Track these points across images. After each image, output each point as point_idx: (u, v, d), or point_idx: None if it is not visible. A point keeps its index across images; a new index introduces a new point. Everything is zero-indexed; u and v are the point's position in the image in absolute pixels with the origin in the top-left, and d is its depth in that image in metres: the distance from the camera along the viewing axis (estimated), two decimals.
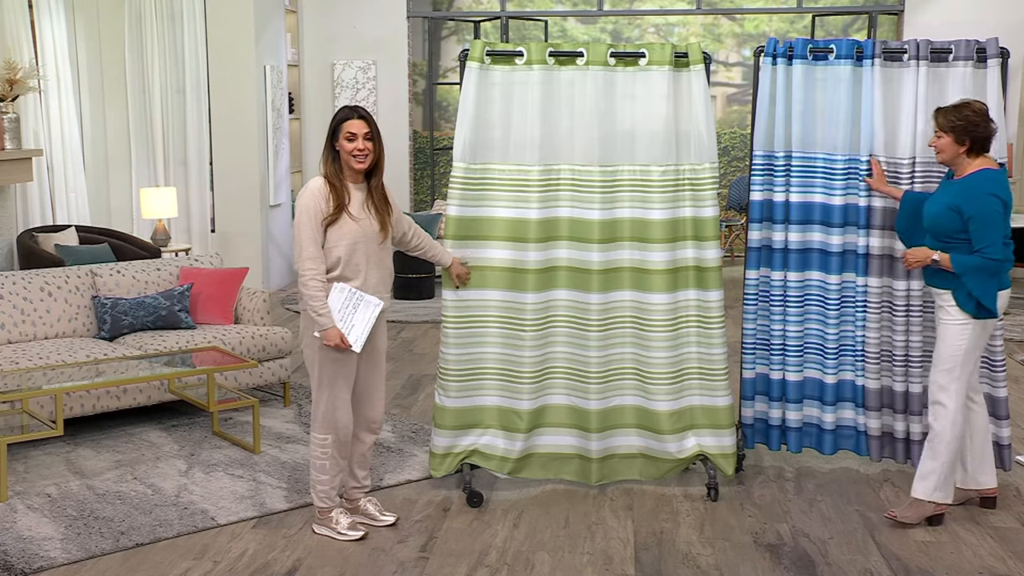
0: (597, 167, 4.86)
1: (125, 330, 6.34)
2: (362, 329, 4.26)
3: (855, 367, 5.15)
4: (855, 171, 5.02)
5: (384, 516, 4.62)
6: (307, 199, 4.27)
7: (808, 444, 5.29)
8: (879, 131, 4.96)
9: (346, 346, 4.25)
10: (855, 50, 4.95)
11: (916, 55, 4.92)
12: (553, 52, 4.84)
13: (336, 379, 4.36)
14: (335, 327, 4.23)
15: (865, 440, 5.21)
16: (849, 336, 5.13)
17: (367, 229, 4.33)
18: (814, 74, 5.02)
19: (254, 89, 9.92)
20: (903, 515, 4.64)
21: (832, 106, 5.01)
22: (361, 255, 4.32)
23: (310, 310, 4.25)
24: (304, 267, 4.24)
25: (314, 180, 4.34)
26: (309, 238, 4.24)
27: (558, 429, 4.99)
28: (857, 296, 5.07)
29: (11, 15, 8.74)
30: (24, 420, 5.37)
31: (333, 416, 4.39)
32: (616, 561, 4.31)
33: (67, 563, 4.23)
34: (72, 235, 8.58)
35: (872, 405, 5.13)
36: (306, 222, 4.24)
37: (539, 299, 4.89)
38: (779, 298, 5.15)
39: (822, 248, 5.10)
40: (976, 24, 10.26)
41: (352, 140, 4.27)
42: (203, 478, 5.15)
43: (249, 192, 10.05)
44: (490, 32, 13.12)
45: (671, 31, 14.30)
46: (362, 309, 4.28)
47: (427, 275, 9.80)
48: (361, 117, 4.30)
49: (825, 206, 5.07)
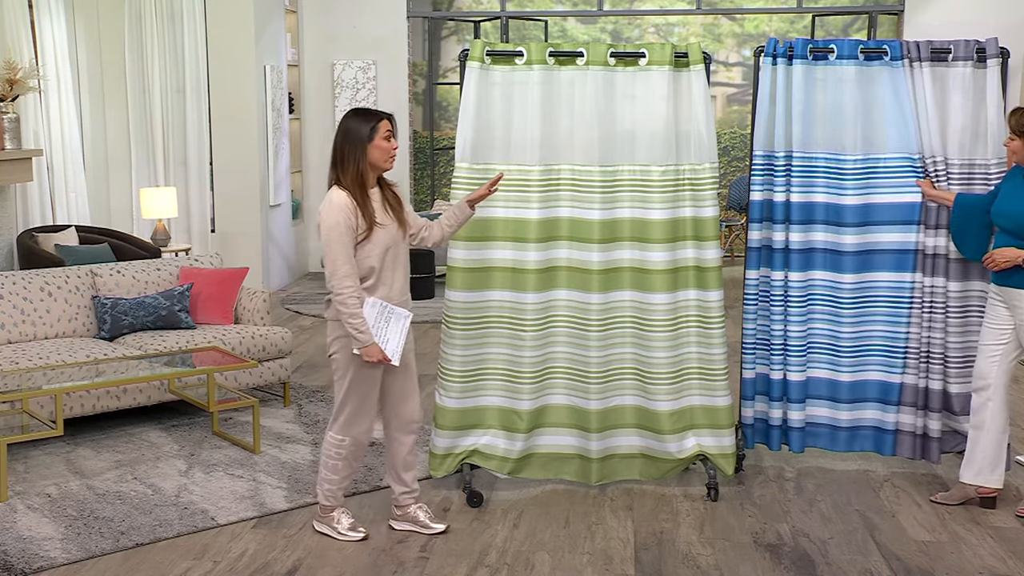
0: (597, 167, 4.86)
1: (125, 330, 6.34)
2: (397, 342, 4.27)
3: (886, 366, 5.12)
4: (879, 171, 5.00)
5: (435, 524, 4.55)
6: (336, 215, 4.16)
7: (813, 444, 5.26)
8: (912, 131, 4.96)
9: (387, 361, 4.24)
10: (871, 50, 4.94)
11: (918, 56, 4.93)
12: (553, 52, 4.84)
13: (365, 389, 4.35)
14: (375, 343, 4.20)
15: (893, 439, 5.17)
16: (877, 335, 5.10)
17: (393, 233, 4.29)
18: (815, 74, 5.01)
19: (254, 89, 9.92)
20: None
21: (844, 106, 4.99)
22: (390, 260, 4.30)
23: (351, 328, 4.18)
24: (342, 285, 4.17)
25: (337, 195, 4.19)
26: (343, 255, 4.16)
27: (558, 429, 4.99)
28: (901, 295, 5.05)
29: (11, 15, 8.74)
30: (24, 420, 5.37)
31: (355, 423, 4.37)
32: (616, 561, 4.31)
33: (67, 563, 4.23)
34: (72, 235, 8.58)
35: (908, 403, 5.11)
36: (337, 239, 4.15)
37: (539, 299, 4.89)
38: (780, 298, 5.14)
39: (831, 248, 5.07)
40: (976, 24, 10.26)
41: (390, 139, 4.26)
42: (203, 478, 5.15)
43: (249, 192, 10.06)
44: (490, 32, 13.12)
45: (671, 31, 14.31)
46: (394, 322, 4.29)
47: (427, 275, 9.81)
48: (388, 117, 4.30)
49: (835, 206, 5.04)
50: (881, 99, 4.98)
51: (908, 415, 5.15)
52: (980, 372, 4.77)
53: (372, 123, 4.22)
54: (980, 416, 4.77)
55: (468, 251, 4.87)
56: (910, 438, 5.16)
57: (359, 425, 4.38)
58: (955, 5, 10.93)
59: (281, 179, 10.64)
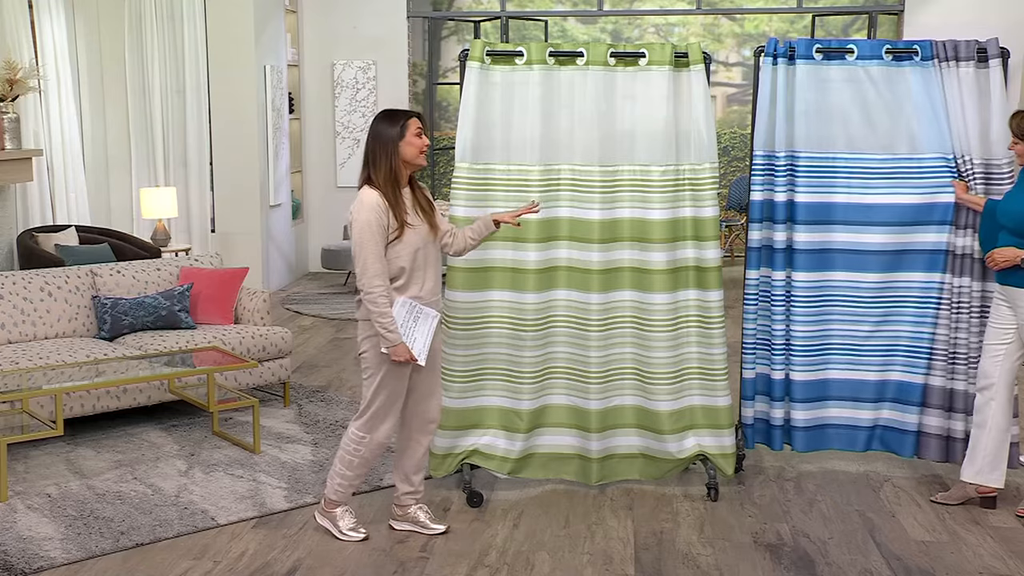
0: (597, 167, 4.86)
1: (125, 330, 6.34)
2: (424, 342, 4.27)
3: (910, 366, 5.11)
4: (912, 171, 4.99)
5: (435, 524, 4.56)
6: (368, 214, 4.17)
7: (828, 445, 5.23)
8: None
9: (414, 360, 4.25)
10: (899, 50, 4.95)
11: (945, 56, 4.93)
12: (553, 52, 4.84)
13: (394, 388, 4.34)
14: (403, 343, 4.21)
15: (916, 440, 5.15)
16: (902, 335, 5.09)
17: (423, 234, 4.30)
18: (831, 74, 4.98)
19: (254, 89, 9.92)
20: None
21: (868, 106, 4.98)
22: (421, 260, 4.30)
23: (380, 328, 4.19)
24: (372, 284, 4.17)
25: (369, 194, 4.21)
26: (374, 255, 4.17)
27: (558, 429, 4.99)
28: (930, 295, 5.04)
29: (11, 15, 8.74)
30: (24, 420, 5.37)
31: (380, 421, 4.36)
32: (616, 561, 4.31)
33: (67, 563, 4.23)
34: (72, 235, 8.58)
35: (935, 405, 5.10)
36: (369, 238, 4.16)
37: (539, 299, 4.90)
38: (781, 298, 5.12)
39: (852, 248, 5.05)
40: (976, 24, 10.25)
41: (421, 136, 4.26)
42: (203, 478, 5.16)
43: (249, 192, 10.06)
44: (490, 32, 13.12)
45: (671, 31, 14.31)
46: (422, 321, 4.29)
47: None
48: (418, 115, 4.30)
49: (857, 206, 5.02)
50: (911, 99, 4.96)
51: (934, 417, 5.12)
52: (984, 371, 4.78)
53: (402, 121, 4.25)
54: (983, 415, 4.77)
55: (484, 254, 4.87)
56: (936, 440, 5.14)
57: (383, 424, 4.37)
58: (954, 5, 10.94)
59: (281, 179, 10.65)
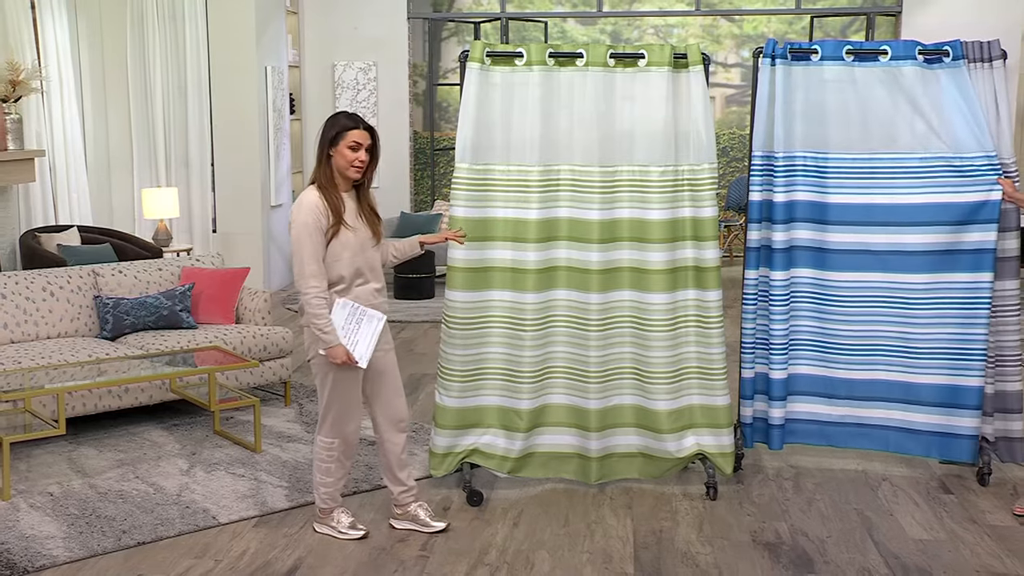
0: (597, 167, 4.88)
1: (127, 330, 6.36)
2: (367, 345, 4.24)
3: (951, 368, 5.07)
4: (952, 170, 4.98)
5: (435, 523, 4.56)
6: (306, 215, 4.17)
7: (854, 444, 5.24)
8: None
9: (352, 362, 4.23)
10: (931, 52, 4.96)
11: (979, 56, 4.96)
12: (553, 53, 4.86)
13: (346, 392, 4.35)
14: (341, 344, 4.18)
15: (915, 437, 5.15)
16: (944, 336, 5.07)
17: (363, 238, 4.29)
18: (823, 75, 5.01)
19: (255, 90, 9.94)
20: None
21: (895, 105, 4.99)
22: (362, 264, 4.30)
23: (314, 328, 4.18)
24: (307, 285, 4.17)
25: (308, 194, 4.22)
26: (311, 255, 4.16)
27: (558, 428, 5.01)
28: (980, 295, 5.01)
29: (14, 16, 8.76)
30: (27, 419, 5.39)
31: (342, 423, 4.39)
32: (615, 560, 4.33)
33: (69, 561, 4.25)
34: (74, 235, 8.60)
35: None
36: (307, 239, 4.15)
37: (539, 299, 4.91)
38: (780, 297, 5.13)
39: (850, 248, 5.07)
40: (974, 25, 10.27)
41: (355, 150, 4.20)
42: (204, 477, 5.18)
43: (250, 192, 10.08)
44: (490, 33, 13.14)
45: (670, 32, 14.33)
46: (365, 324, 4.26)
47: (427, 275, 9.82)
48: (366, 128, 4.23)
49: (890, 206, 5.03)
50: (943, 98, 4.96)
51: (972, 419, 5.08)
52: None
53: (339, 129, 4.21)
54: None
55: (468, 251, 4.89)
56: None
57: (347, 425, 4.39)
58: (953, 7, 10.95)
59: (282, 179, 10.67)
